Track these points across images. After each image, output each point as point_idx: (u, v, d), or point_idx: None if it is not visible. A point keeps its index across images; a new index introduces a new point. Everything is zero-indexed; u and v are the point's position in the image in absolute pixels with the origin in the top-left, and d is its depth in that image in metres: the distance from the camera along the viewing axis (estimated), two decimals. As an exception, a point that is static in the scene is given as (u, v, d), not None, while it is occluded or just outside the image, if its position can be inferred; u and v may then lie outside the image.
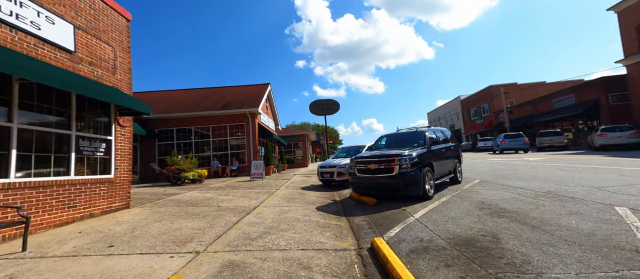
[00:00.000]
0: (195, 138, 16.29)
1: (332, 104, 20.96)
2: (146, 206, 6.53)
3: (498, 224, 3.85)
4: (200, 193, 8.57)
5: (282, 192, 8.60)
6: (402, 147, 6.87)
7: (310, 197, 7.56)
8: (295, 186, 10.25)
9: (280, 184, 10.78)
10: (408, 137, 7.53)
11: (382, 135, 8.41)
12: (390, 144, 7.61)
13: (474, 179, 8.34)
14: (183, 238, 3.98)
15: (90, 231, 4.36)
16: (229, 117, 16.29)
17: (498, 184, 7.13)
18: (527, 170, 9.61)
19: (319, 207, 6.14)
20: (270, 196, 7.80)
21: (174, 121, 15.99)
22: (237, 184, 10.84)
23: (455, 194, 6.37)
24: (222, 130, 16.54)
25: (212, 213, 5.68)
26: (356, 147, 11.89)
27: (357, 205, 6.21)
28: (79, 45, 5.09)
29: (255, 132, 16.24)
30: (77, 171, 4.97)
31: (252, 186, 10.32)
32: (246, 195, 8.04)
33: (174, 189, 9.80)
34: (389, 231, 4.02)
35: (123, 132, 6.12)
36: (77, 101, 5.10)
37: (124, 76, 6.20)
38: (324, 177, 9.91)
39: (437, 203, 5.53)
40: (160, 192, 9.15)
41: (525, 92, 34.25)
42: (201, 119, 16.18)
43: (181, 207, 6.24)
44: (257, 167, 12.81)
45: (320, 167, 10.20)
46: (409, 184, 5.71)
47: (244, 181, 12.05)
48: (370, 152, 6.84)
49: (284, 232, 4.24)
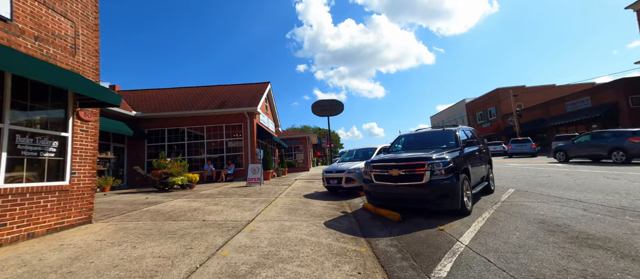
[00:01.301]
0: (188, 139, 15.07)
1: (336, 104, 19.78)
2: (113, 220, 5.30)
3: (601, 262, 2.62)
4: (186, 202, 7.34)
5: (283, 201, 7.38)
6: (427, 149, 5.67)
7: (315, 208, 6.34)
8: (297, 193, 9.03)
9: (280, 190, 9.56)
10: (433, 137, 6.32)
11: (401, 135, 7.19)
12: (411, 146, 6.40)
13: (508, 188, 7.11)
14: (140, 275, 2.76)
15: (10, 263, 3.13)
16: (225, 116, 15.10)
17: (542, 195, 5.91)
18: (563, 177, 8.39)
19: (328, 222, 4.92)
20: (269, 206, 6.58)
21: (165, 121, 14.80)
22: (231, 191, 9.61)
23: (496, 207, 5.14)
24: (218, 131, 15.34)
25: (193, 230, 4.46)
26: (365, 149, 10.68)
27: (375, 220, 4.99)
28: (19, 12, 3.92)
29: (253, 133, 15.04)
30: (10, 177, 3.76)
31: (248, 192, 9.10)
32: (240, 204, 6.81)
33: (159, 197, 8.57)
34: (437, 268, 2.79)
35: (85, 128, 4.93)
36: (15, 84, 3.92)
37: (88, 58, 5.02)
38: (330, 184, 8.69)
39: (481, 221, 4.31)
40: (140, 200, 7.92)
41: (534, 95, 33.10)
42: (195, 119, 14.98)
43: (157, 222, 5.02)
44: (255, 171, 11.60)
45: (325, 172, 8.98)
46: (443, 195, 4.49)
47: (240, 187, 10.82)
48: (390, 155, 5.63)
49: (285, 263, 3.02)
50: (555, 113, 26.83)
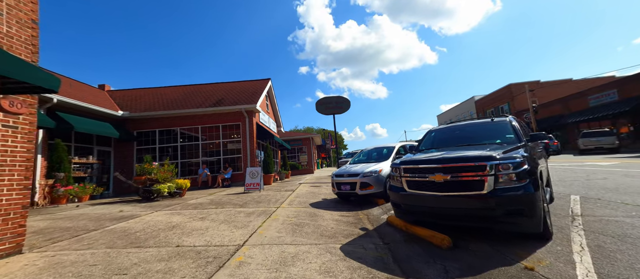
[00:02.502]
0: (181, 141, 13.75)
1: (342, 101, 18.35)
2: (57, 246, 3.96)
3: None
4: (166, 216, 6.00)
5: (285, 212, 6.01)
6: (472, 147, 4.27)
7: (326, 223, 4.97)
8: (302, 201, 7.66)
9: (283, 197, 8.19)
10: (479, 130, 4.89)
11: (431, 129, 5.76)
12: (448, 143, 4.97)
13: (568, 195, 5.66)
14: None
15: None
16: (221, 115, 13.79)
17: (625, 205, 4.46)
18: (624, 179, 6.92)
19: (347, 248, 3.54)
20: (267, 221, 5.21)
21: (155, 121, 13.50)
22: (225, 199, 8.26)
23: (581, 226, 3.71)
24: (214, 131, 14.03)
25: (156, 265, 3.10)
26: (379, 148, 9.27)
27: (412, 245, 3.58)
28: None
29: (252, 133, 13.71)
30: None
31: (245, 201, 7.74)
32: (232, 219, 5.46)
33: (138, 208, 7.25)
34: None
35: (13, 122, 3.61)
36: None
37: (17, 29, 3.71)
38: (342, 190, 7.30)
39: (580, 250, 2.90)
40: (111, 214, 6.59)
41: (550, 90, 31.38)
42: (188, 119, 13.66)
43: (112, 251, 3.67)
44: (253, 175, 10.25)
45: (335, 176, 7.60)
46: (515, 211, 3.08)
47: (237, 194, 9.48)
48: (426, 154, 4.23)
49: None
50: (576, 108, 25.13)
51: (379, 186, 6.92)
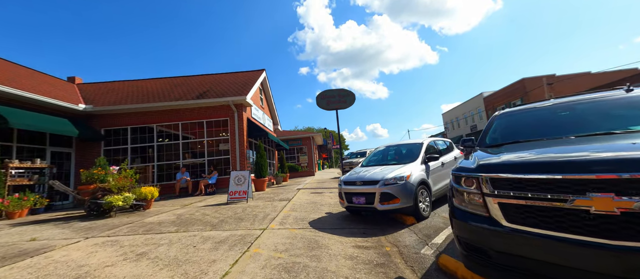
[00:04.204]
0: (159, 140, 11.69)
1: (345, 94, 16.16)
2: None
3: None
4: (90, 249, 3.95)
5: (273, 240, 3.97)
6: (600, 141, 2.24)
7: (336, 265, 2.93)
8: (300, 216, 5.62)
9: (274, 210, 6.15)
10: (605, 109, 2.84)
11: (501, 113, 3.67)
12: (548, 131, 2.89)
13: None
14: None
15: None
16: (206, 110, 11.74)
17: None
18: None
19: None
20: (241, 260, 3.18)
21: (127, 117, 11.43)
22: (197, 215, 6.23)
23: None
24: (197, 129, 11.99)
25: None
26: (398, 146, 7.20)
27: None
28: None
29: (242, 130, 11.67)
30: None
31: (223, 218, 5.71)
32: (186, 256, 3.42)
33: (66, 232, 5.20)
34: None
35: None
36: None
37: None
38: (354, 204, 5.26)
39: None
40: (10, 245, 4.56)
41: (566, 83, 29.22)
42: (167, 114, 11.58)
43: None
44: (239, 181, 8.20)
45: (344, 183, 5.55)
46: None
47: (217, 205, 7.45)
48: (534, 152, 2.21)
49: None
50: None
51: (406, 198, 4.89)
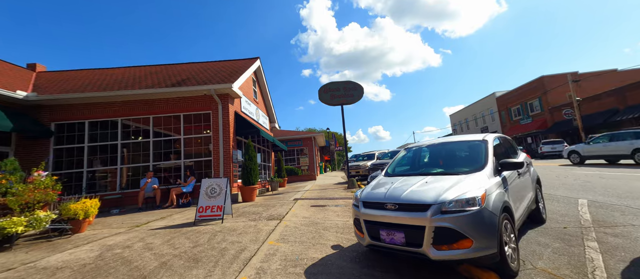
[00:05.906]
0: (123, 138, 9.53)
1: (351, 87, 13.85)
2: None
3: None
4: None
5: None
6: None
7: None
8: (291, 253, 3.39)
9: (255, 240, 3.95)
10: None
11: None
12: None
13: None
14: None
15: None
16: (184, 101, 9.61)
17: None
18: None
19: None
20: None
21: (85, 109, 9.31)
22: (137, 247, 4.05)
23: None
24: (172, 123, 9.85)
25: None
26: (439, 145, 4.94)
27: None
28: None
29: (228, 125, 9.51)
30: None
31: (175, 254, 3.51)
32: None
33: None
34: None
35: None
36: None
37: None
38: (385, 242, 3.02)
39: None
40: None
41: (591, 82, 26.91)
42: (135, 105, 9.45)
43: None
44: (214, 192, 6.02)
45: (365, 205, 3.32)
46: None
47: (177, 227, 5.28)
48: None
49: None
50: (634, 102, 20.75)
51: (485, 237, 2.65)
